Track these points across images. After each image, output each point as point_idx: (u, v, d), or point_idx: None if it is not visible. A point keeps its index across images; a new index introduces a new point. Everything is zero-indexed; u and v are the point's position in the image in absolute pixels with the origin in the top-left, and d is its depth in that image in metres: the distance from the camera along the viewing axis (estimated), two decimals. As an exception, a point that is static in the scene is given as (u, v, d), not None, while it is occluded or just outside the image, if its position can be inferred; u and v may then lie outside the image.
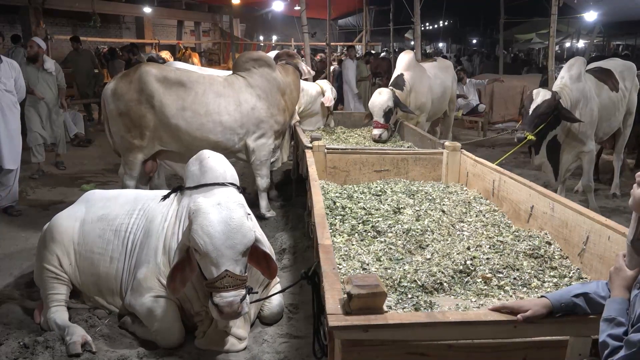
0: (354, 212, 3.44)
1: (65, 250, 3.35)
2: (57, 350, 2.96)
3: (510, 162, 7.37)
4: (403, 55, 6.95)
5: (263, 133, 5.12)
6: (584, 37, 20.81)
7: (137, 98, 4.71)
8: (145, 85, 4.71)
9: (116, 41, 17.62)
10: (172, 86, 4.78)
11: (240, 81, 5.07)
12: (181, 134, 4.82)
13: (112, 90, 4.79)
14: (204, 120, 4.83)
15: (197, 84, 4.87)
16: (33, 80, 6.79)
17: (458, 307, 2.32)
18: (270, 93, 5.12)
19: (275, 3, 15.74)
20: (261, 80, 5.10)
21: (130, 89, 4.73)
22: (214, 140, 4.88)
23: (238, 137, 5.02)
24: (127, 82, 4.77)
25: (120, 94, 4.74)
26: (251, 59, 5.24)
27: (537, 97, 4.76)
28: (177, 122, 4.77)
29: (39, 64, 6.92)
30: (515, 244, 2.90)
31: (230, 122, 4.91)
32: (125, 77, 4.86)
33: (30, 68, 6.84)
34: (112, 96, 4.78)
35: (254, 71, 5.13)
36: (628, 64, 6.07)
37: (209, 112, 4.83)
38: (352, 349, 1.77)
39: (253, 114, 5.00)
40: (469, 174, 4.24)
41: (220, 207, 2.73)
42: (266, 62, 5.22)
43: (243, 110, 4.96)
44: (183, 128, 4.79)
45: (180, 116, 4.77)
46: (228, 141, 4.97)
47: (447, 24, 26.59)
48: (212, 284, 2.69)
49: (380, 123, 5.83)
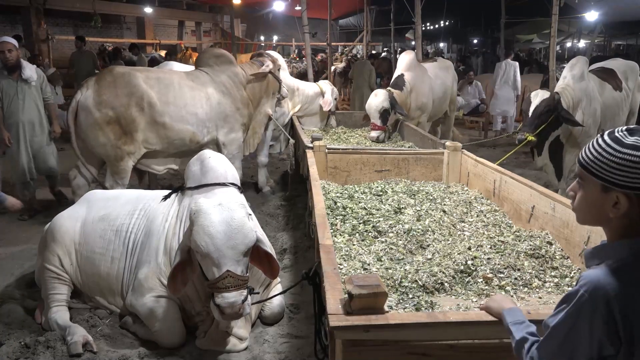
0: (354, 212, 3.44)
1: (66, 251, 3.35)
2: (58, 350, 2.96)
3: (511, 162, 7.36)
4: (404, 55, 6.95)
5: (231, 127, 5.20)
6: (585, 37, 20.78)
7: (127, 102, 4.59)
8: (135, 88, 4.63)
9: (117, 41, 17.63)
10: (154, 84, 4.78)
11: (204, 76, 5.13)
12: (167, 130, 4.81)
13: (94, 98, 4.56)
14: (184, 113, 4.86)
15: (172, 78, 4.92)
16: (10, 96, 5.25)
17: (459, 307, 2.32)
18: (234, 88, 5.20)
19: (276, 3, 15.75)
20: (224, 76, 5.17)
21: (118, 94, 4.59)
22: (191, 131, 4.92)
23: (207, 130, 5.06)
24: (112, 88, 4.60)
25: (106, 101, 4.56)
26: (214, 56, 5.34)
27: (535, 99, 4.77)
28: (164, 119, 4.76)
29: (15, 75, 5.24)
30: (516, 244, 2.90)
31: (202, 115, 4.99)
32: (107, 83, 4.63)
33: (7, 81, 5.24)
34: (95, 105, 4.55)
35: (216, 68, 5.20)
36: (631, 64, 6.06)
37: (186, 104, 4.88)
38: (353, 349, 1.77)
39: (219, 109, 5.09)
40: (469, 174, 4.24)
41: (221, 208, 2.73)
42: (228, 59, 5.32)
43: (212, 103, 5.04)
44: (168, 123, 4.80)
45: (166, 112, 4.77)
46: (200, 133, 5.02)
47: (448, 24, 26.58)
48: (213, 285, 2.69)
49: (377, 125, 5.83)
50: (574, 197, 1.41)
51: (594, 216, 1.37)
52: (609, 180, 1.28)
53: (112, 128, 4.61)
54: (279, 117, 6.27)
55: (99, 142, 4.65)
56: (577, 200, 1.39)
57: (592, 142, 1.35)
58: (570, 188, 1.43)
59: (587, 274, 1.29)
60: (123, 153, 4.70)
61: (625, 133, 1.30)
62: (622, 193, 1.27)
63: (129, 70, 4.85)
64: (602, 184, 1.30)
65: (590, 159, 1.32)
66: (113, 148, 4.66)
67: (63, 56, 14.41)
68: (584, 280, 1.27)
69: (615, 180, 1.27)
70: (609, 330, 1.22)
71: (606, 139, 1.31)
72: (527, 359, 1.40)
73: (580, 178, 1.37)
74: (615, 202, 1.29)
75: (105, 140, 4.63)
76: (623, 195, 1.27)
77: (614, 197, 1.29)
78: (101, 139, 4.63)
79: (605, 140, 1.31)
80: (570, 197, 1.43)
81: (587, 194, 1.35)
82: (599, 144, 1.32)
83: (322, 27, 18.35)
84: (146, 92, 4.68)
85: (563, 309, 1.29)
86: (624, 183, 1.26)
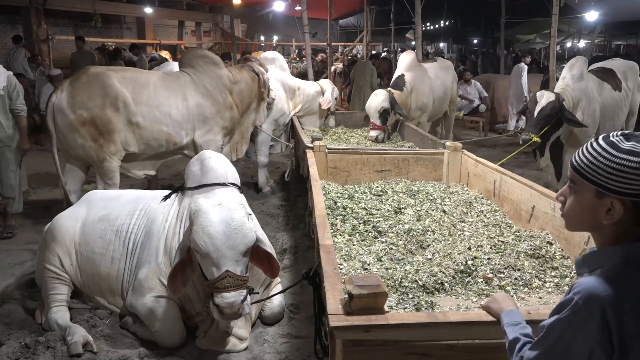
0: (355, 212, 3.44)
1: (66, 251, 3.35)
2: (59, 351, 2.96)
3: (512, 162, 7.35)
4: (404, 55, 6.96)
5: (209, 129, 5.12)
6: (585, 37, 20.78)
7: (102, 103, 4.51)
8: (109, 88, 4.55)
9: (117, 41, 17.63)
10: (129, 84, 4.71)
11: (185, 77, 5.06)
12: (141, 130, 4.73)
13: (68, 100, 4.50)
14: (157, 113, 4.78)
15: (148, 79, 4.87)
16: None
17: (459, 307, 2.32)
18: (216, 90, 5.11)
19: (276, 3, 15.75)
20: (206, 78, 5.09)
21: (93, 94, 4.52)
22: (166, 132, 4.85)
23: (185, 132, 4.99)
24: (86, 88, 4.53)
25: (80, 102, 4.50)
26: (197, 57, 5.24)
27: (541, 99, 4.75)
28: (137, 118, 4.69)
29: None
30: (517, 244, 2.90)
31: (177, 116, 4.90)
32: (81, 84, 4.57)
33: None
34: (70, 107, 4.49)
35: (199, 68, 5.12)
36: (631, 64, 6.06)
37: (160, 105, 4.80)
38: (353, 349, 1.77)
39: (198, 111, 5.01)
40: (470, 174, 4.24)
41: (221, 208, 2.73)
42: (212, 60, 5.23)
43: (189, 105, 4.96)
44: (142, 123, 4.72)
45: (139, 112, 4.69)
46: (177, 135, 4.95)
47: (448, 24, 26.58)
48: (212, 285, 2.69)
49: (377, 125, 5.83)
50: (564, 202, 1.38)
51: (586, 222, 1.33)
52: (604, 186, 1.25)
53: (88, 129, 4.52)
54: (279, 117, 6.27)
55: (78, 144, 4.57)
56: (568, 205, 1.36)
57: (586, 146, 1.31)
58: (560, 193, 1.40)
59: (581, 281, 1.26)
60: (104, 154, 4.60)
61: (621, 138, 1.27)
62: (617, 199, 1.24)
63: (103, 70, 4.76)
64: (597, 190, 1.26)
65: (585, 163, 1.28)
66: (93, 149, 4.57)
67: (63, 56, 14.41)
68: (578, 288, 1.24)
69: (611, 185, 1.24)
70: (602, 337, 1.20)
71: (601, 143, 1.28)
72: (516, 358, 1.40)
73: (572, 182, 1.33)
74: (609, 208, 1.26)
75: (83, 142, 4.55)
76: (618, 201, 1.24)
77: (608, 203, 1.25)
78: (79, 141, 4.56)
79: (601, 144, 1.28)
80: (560, 202, 1.40)
81: (579, 199, 1.32)
82: (594, 148, 1.28)
83: (322, 27, 18.35)
84: (120, 91, 4.60)
85: (557, 316, 1.28)
86: (619, 189, 1.23)
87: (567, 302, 1.25)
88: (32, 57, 10.80)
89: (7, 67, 5.42)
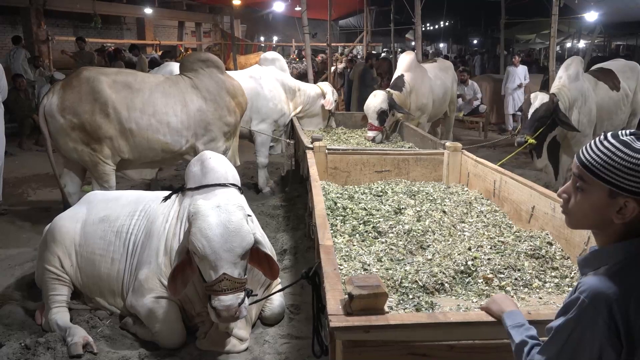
0: (355, 212, 3.44)
1: (66, 252, 3.35)
2: (59, 351, 2.96)
3: (511, 163, 7.34)
4: (404, 56, 6.97)
5: (213, 137, 4.99)
6: (585, 38, 20.78)
7: (91, 109, 4.44)
8: (98, 94, 4.46)
9: (117, 42, 17.63)
10: (121, 90, 4.57)
11: (185, 81, 4.92)
12: (135, 137, 4.61)
13: (58, 105, 4.45)
14: (152, 121, 4.64)
15: (144, 84, 4.71)
16: None
17: (459, 308, 2.32)
18: (218, 95, 4.99)
19: (276, 4, 15.73)
20: (208, 82, 4.97)
21: (82, 99, 4.44)
22: (163, 141, 4.72)
23: (185, 139, 4.85)
24: (75, 93, 4.46)
25: (70, 107, 4.43)
26: (199, 60, 5.11)
27: (535, 101, 4.77)
28: (130, 125, 4.56)
29: None
30: (517, 245, 2.90)
31: (177, 123, 4.76)
32: (71, 88, 4.50)
33: None
34: (60, 111, 4.44)
35: (200, 72, 4.99)
36: (631, 64, 6.07)
37: (156, 112, 4.66)
38: (353, 349, 1.77)
39: (199, 116, 4.86)
40: (469, 174, 4.24)
41: (219, 210, 2.72)
42: (214, 64, 5.11)
43: (189, 111, 4.82)
44: (135, 130, 4.59)
45: (132, 119, 4.56)
46: (176, 143, 4.80)
47: (448, 25, 26.59)
48: (210, 287, 2.69)
49: (375, 125, 5.84)
50: (567, 199, 1.36)
51: (593, 220, 1.32)
52: (619, 186, 1.23)
53: (78, 134, 4.48)
54: (279, 118, 6.27)
55: (69, 147, 4.55)
56: (574, 203, 1.34)
57: (595, 143, 1.29)
58: (563, 190, 1.38)
59: (586, 280, 1.26)
60: (97, 158, 4.54)
61: (633, 137, 1.25)
62: (632, 199, 1.23)
63: (95, 74, 4.61)
64: (610, 189, 1.25)
65: (598, 162, 1.26)
66: (85, 153, 4.53)
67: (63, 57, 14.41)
68: (584, 287, 1.24)
69: (626, 185, 1.23)
70: (610, 334, 1.21)
71: (613, 142, 1.26)
72: None
73: (581, 180, 1.30)
74: (621, 207, 1.25)
75: (75, 146, 4.52)
76: (633, 201, 1.23)
77: (620, 203, 1.24)
78: (70, 145, 4.53)
79: (613, 143, 1.26)
80: (563, 199, 1.38)
81: (588, 197, 1.30)
82: (606, 147, 1.26)
83: (322, 27, 18.35)
84: (110, 97, 4.48)
85: (564, 317, 1.27)
86: (635, 189, 1.22)
87: (574, 301, 1.25)
88: (33, 58, 10.80)
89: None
